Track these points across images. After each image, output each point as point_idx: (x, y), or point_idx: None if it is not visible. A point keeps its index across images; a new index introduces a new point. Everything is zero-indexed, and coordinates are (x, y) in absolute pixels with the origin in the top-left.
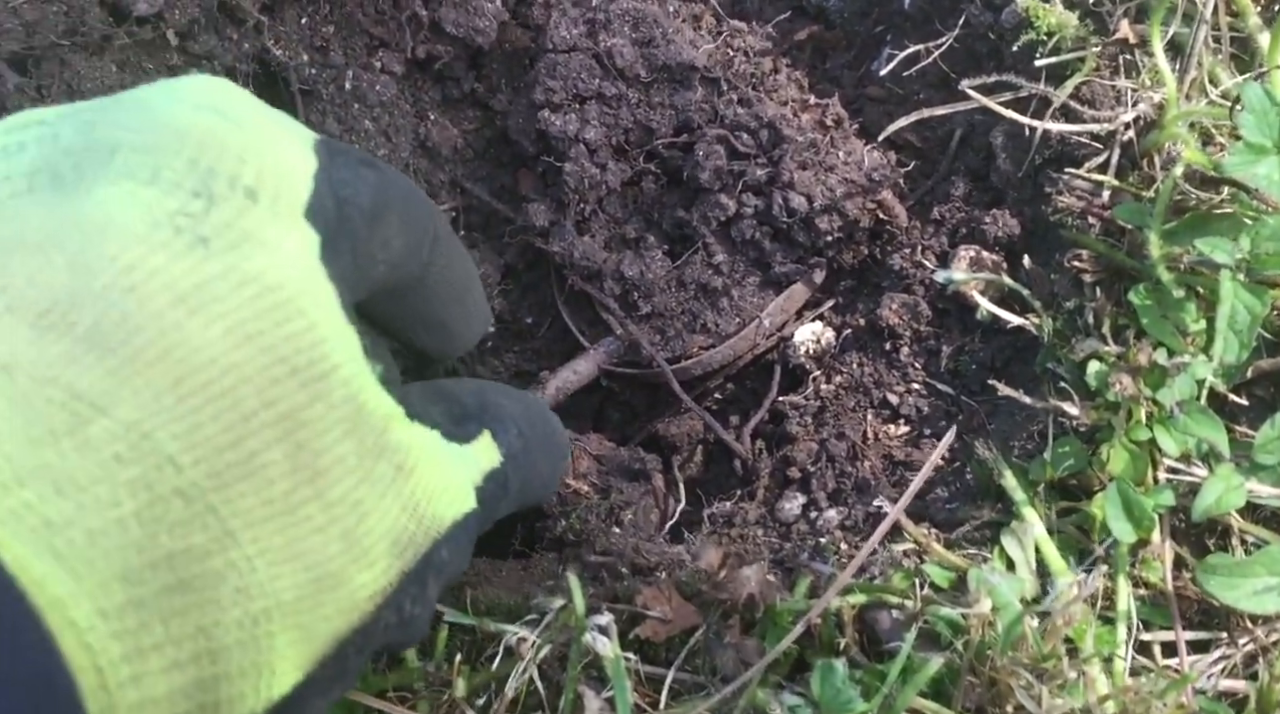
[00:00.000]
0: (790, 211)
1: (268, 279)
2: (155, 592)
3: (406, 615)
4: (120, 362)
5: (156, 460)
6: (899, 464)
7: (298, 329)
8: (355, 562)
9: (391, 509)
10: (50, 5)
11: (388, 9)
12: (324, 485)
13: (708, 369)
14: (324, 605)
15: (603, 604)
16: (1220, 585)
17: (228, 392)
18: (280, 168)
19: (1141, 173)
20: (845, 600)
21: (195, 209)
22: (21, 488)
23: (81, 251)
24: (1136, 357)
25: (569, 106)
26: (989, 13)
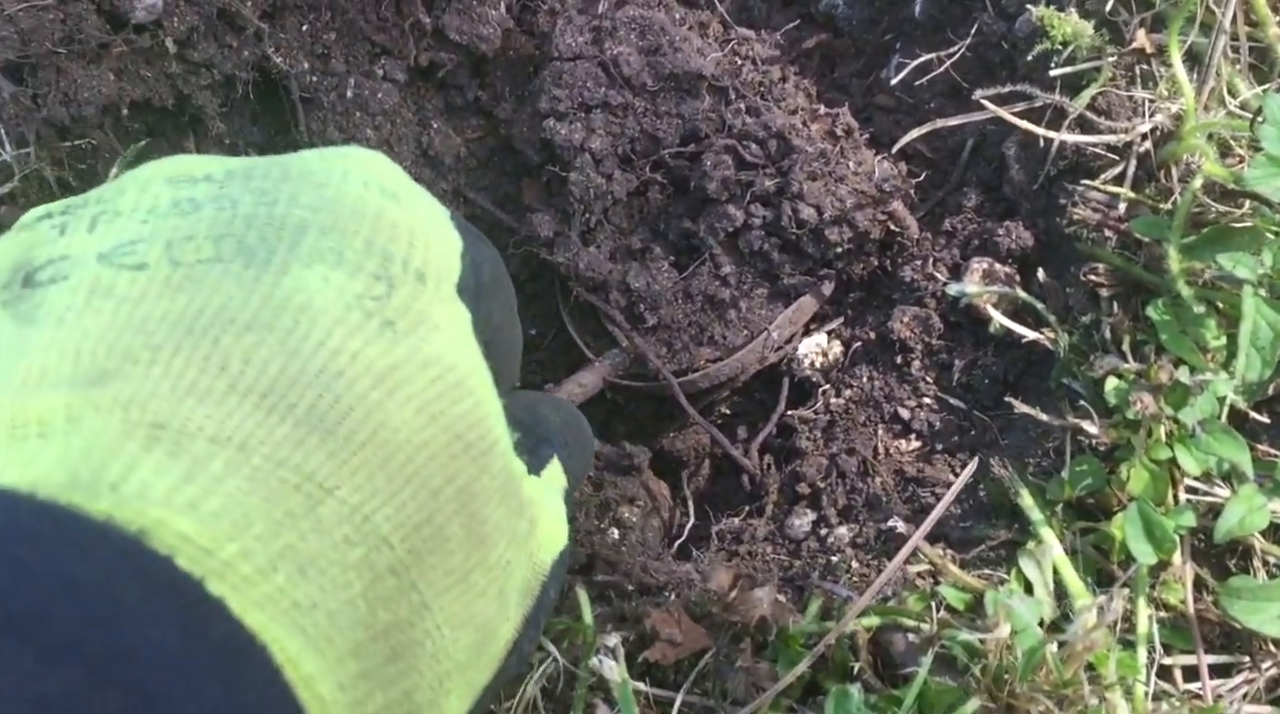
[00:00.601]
0: (800, 223)
1: (445, 361)
2: (377, 664)
3: (524, 654)
4: (339, 444)
5: (375, 541)
6: (910, 480)
7: (469, 407)
8: (501, 617)
9: (522, 564)
10: (47, 13)
11: (390, 16)
12: (486, 551)
13: (715, 382)
14: (480, 659)
15: (609, 625)
16: (1244, 609)
17: (420, 470)
18: (439, 249)
19: (1159, 185)
20: (859, 623)
21: (379, 292)
22: (275, 573)
23: (291, 334)
24: (1157, 374)
25: (575, 115)
26: (1002, 21)
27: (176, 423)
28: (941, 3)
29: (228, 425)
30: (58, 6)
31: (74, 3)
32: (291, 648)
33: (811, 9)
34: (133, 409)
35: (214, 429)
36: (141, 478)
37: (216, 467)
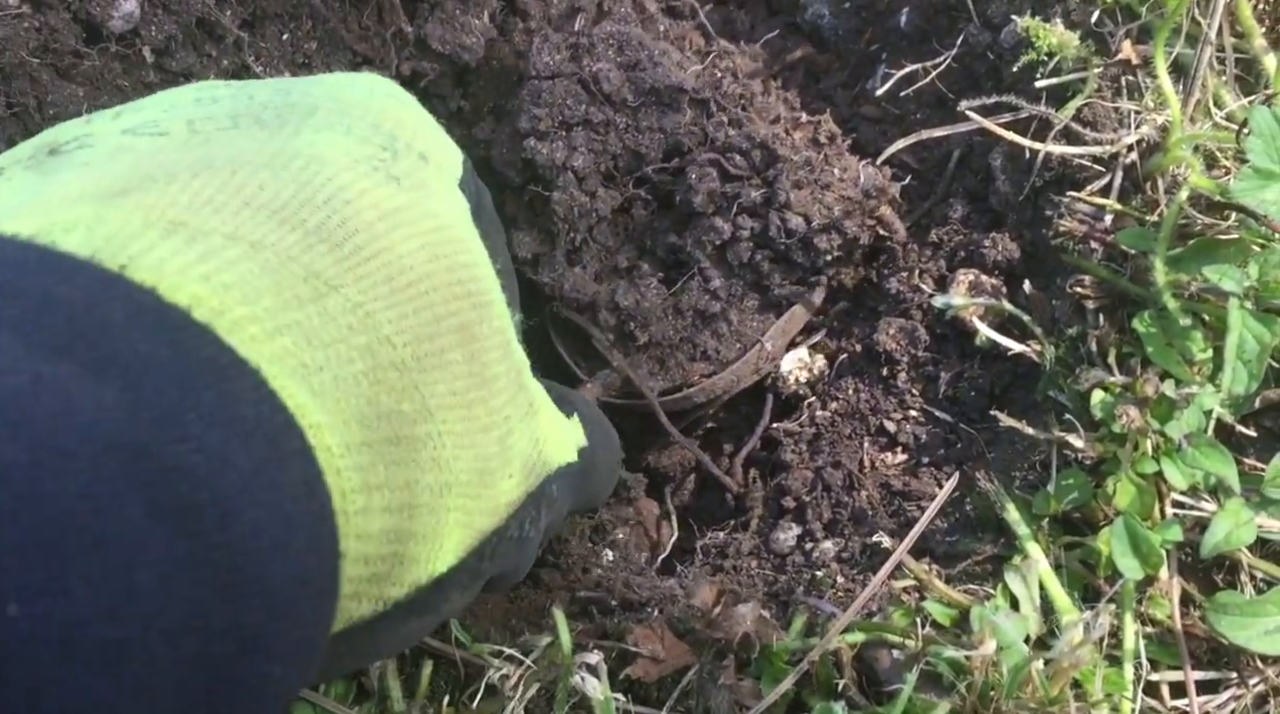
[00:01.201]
0: (789, 232)
1: (444, 218)
2: (380, 439)
3: (524, 533)
4: (345, 253)
5: (378, 336)
6: (896, 494)
7: (467, 261)
8: (503, 468)
9: (524, 435)
10: (22, 21)
11: (372, 25)
12: (489, 393)
13: (711, 396)
14: (481, 499)
15: (592, 641)
16: (1231, 625)
17: (423, 294)
18: (440, 146)
19: (1145, 196)
20: (843, 639)
21: (384, 157)
22: (281, 336)
23: (303, 170)
24: (1143, 387)
25: (555, 134)
26: (988, 32)
27: (195, 222)
28: (927, 13)
29: (242, 229)
30: (33, 15)
31: (50, 11)
32: (299, 397)
33: (796, 19)
34: (153, 210)
35: (229, 230)
36: (159, 255)
37: (230, 253)
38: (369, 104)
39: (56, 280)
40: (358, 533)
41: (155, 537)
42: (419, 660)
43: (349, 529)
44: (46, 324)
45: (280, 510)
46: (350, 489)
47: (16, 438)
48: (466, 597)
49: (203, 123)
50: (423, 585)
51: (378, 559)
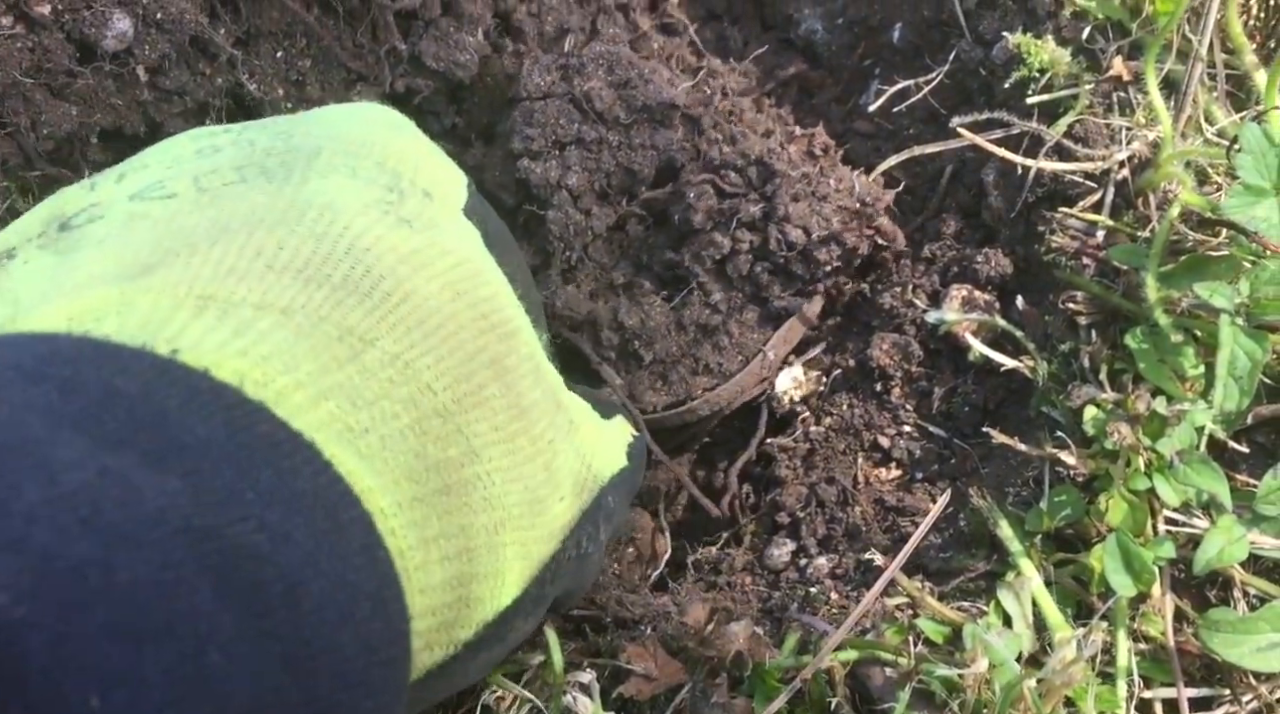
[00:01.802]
0: (789, 245)
1: (461, 253)
2: (431, 492)
3: (583, 551)
4: (375, 303)
5: (419, 384)
6: (890, 509)
7: (489, 293)
8: (553, 493)
9: (569, 453)
10: (15, 42)
11: (366, 42)
12: (528, 422)
13: (715, 408)
14: (535, 528)
15: (585, 660)
16: (1223, 643)
17: (453, 334)
18: (442, 176)
19: (1137, 212)
20: (836, 657)
21: (391, 199)
22: (326, 401)
23: (318, 222)
24: (1134, 404)
25: (549, 153)
26: (980, 48)
27: (222, 295)
28: (919, 29)
29: (269, 295)
30: (27, 35)
31: (43, 31)
32: (349, 464)
33: (790, 34)
34: (180, 287)
35: (257, 299)
36: (193, 336)
37: (263, 325)
38: (371, 140)
39: (113, 371)
40: (420, 587)
41: (224, 616)
42: None
43: (411, 586)
44: (108, 417)
45: (344, 581)
46: (407, 547)
47: (88, 532)
48: (531, 622)
49: (208, 178)
50: (490, 622)
51: (443, 608)
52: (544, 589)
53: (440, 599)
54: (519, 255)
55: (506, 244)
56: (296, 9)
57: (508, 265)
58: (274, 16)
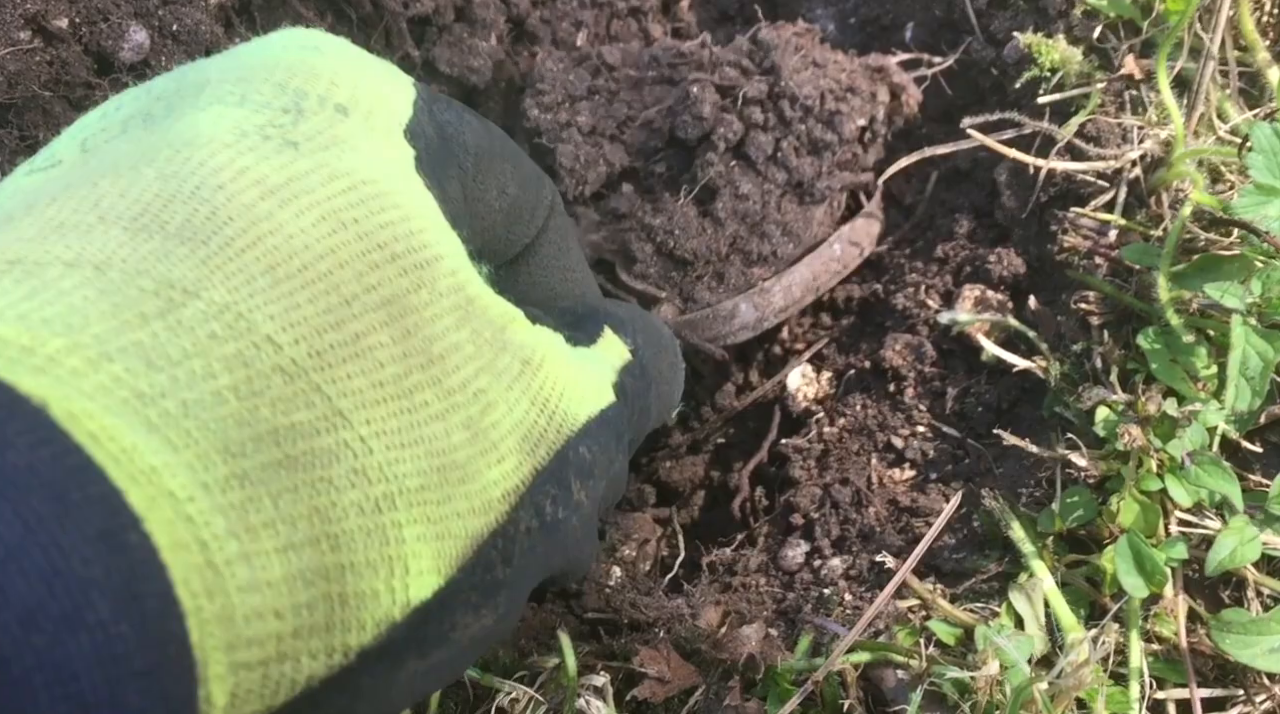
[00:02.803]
0: (805, 109)
1: (360, 174)
2: (261, 466)
3: (549, 519)
4: (212, 251)
5: (254, 338)
6: (904, 510)
7: (393, 218)
8: (484, 455)
9: (519, 403)
10: (33, 56)
11: (380, 48)
12: (440, 372)
13: (790, 299)
14: (454, 500)
15: (599, 663)
16: (1235, 643)
17: (325, 275)
18: (374, 91)
19: (1149, 211)
20: (848, 659)
21: (284, 121)
22: (110, 363)
23: (169, 161)
24: (1145, 406)
25: (560, 106)
26: (991, 47)
27: (35, 255)
28: (931, 28)
29: (89, 250)
30: (45, 48)
31: (61, 44)
32: (126, 439)
33: None
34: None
35: (72, 256)
36: None
37: (66, 284)
38: (276, 62)
39: None
40: (243, 585)
41: None
42: None
43: (229, 581)
44: None
45: (64, 576)
46: (211, 536)
47: None
48: (491, 616)
49: (97, 137)
50: (401, 622)
51: (298, 609)
52: (492, 573)
53: (288, 598)
54: (539, 179)
55: (474, 163)
56: (311, 17)
57: (466, 185)
58: (288, 25)
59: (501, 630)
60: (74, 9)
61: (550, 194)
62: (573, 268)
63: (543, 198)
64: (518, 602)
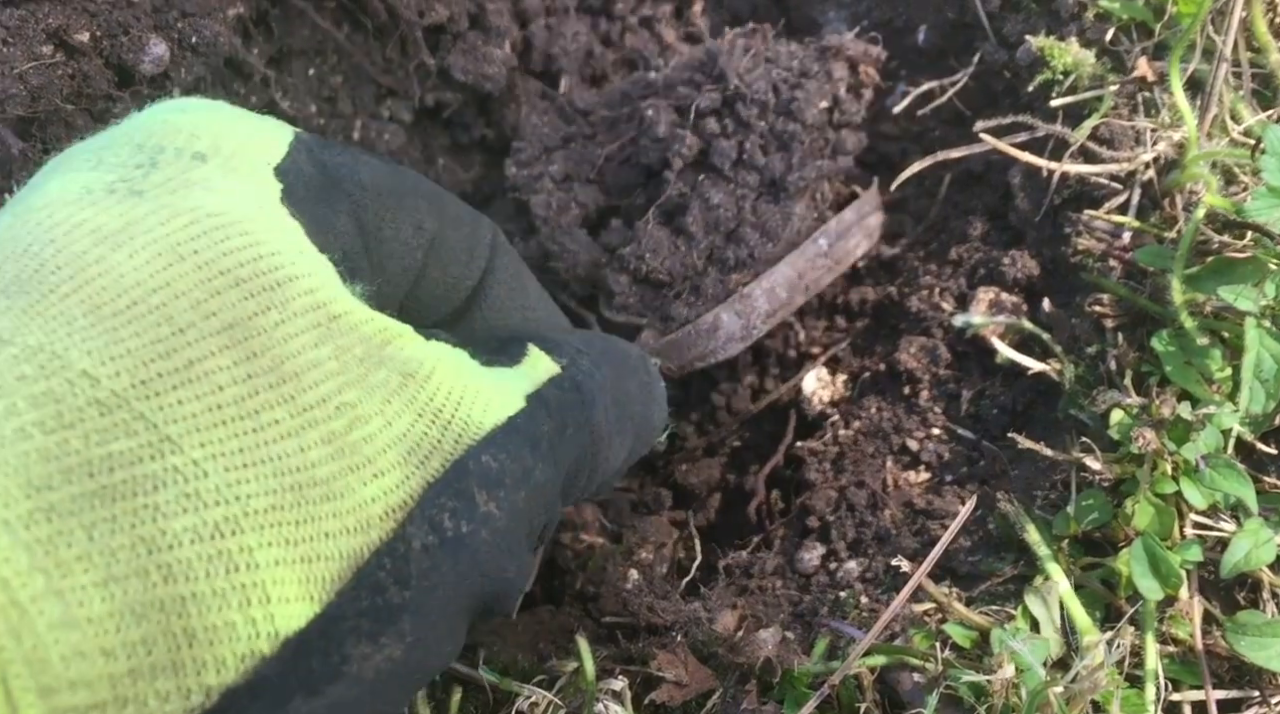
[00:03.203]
0: (760, 104)
1: (206, 209)
2: (72, 498)
3: (451, 534)
4: (33, 300)
5: (67, 376)
6: (920, 513)
7: (239, 245)
8: (355, 471)
9: (402, 416)
10: (55, 69)
11: (395, 58)
12: (293, 390)
13: (776, 302)
14: (319, 519)
15: (617, 667)
16: (1251, 645)
17: (157, 308)
18: (239, 137)
19: (1163, 213)
20: (865, 663)
21: (134, 175)
22: None
23: (9, 228)
24: (1159, 409)
25: (536, 161)
26: (1004, 50)
27: None
28: (944, 31)
29: None
30: (66, 63)
31: (83, 58)
32: None
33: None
34: None
35: None
36: None
37: None
38: (138, 126)
39: None
40: (53, 622)
41: None
42: (449, 687)
43: (37, 619)
44: None
45: None
46: (16, 572)
47: None
48: (400, 644)
49: None
50: (268, 656)
51: (131, 646)
52: (383, 596)
53: (115, 636)
54: (471, 218)
55: (395, 198)
56: (327, 27)
57: (398, 220)
58: (305, 35)
59: (422, 663)
60: (95, 23)
61: (490, 233)
62: (531, 307)
63: (480, 237)
64: (436, 629)
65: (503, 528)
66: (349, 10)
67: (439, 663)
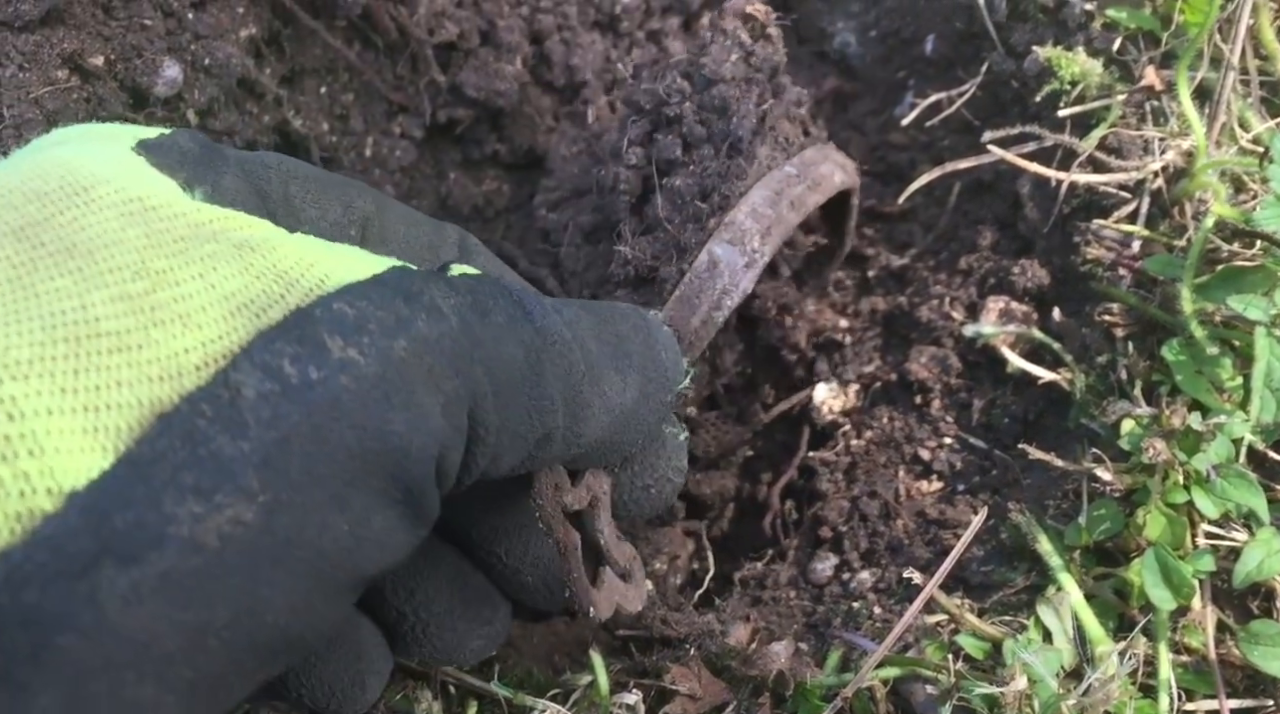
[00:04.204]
0: (680, 93)
1: (47, 158)
2: None
3: (297, 379)
4: None
5: None
6: (932, 522)
7: (49, 170)
8: (161, 325)
9: (232, 279)
10: (71, 94)
11: (406, 74)
12: (83, 263)
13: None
14: (110, 370)
15: (630, 680)
16: (1264, 655)
17: None
18: (109, 128)
19: (1172, 222)
20: (878, 675)
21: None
22: None
23: None
24: (1170, 419)
25: (566, 205)
26: (1011, 60)
27: None
28: (951, 40)
29: None
30: (81, 86)
31: (97, 82)
32: None
33: (824, 48)
34: None
35: None
36: None
37: None
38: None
39: None
40: None
41: None
42: (464, 701)
43: None
44: None
45: None
46: None
47: None
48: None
49: None
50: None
51: None
52: (209, 447)
53: None
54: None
55: (315, 183)
56: (338, 46)
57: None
58: (317, 54)
59: (301, 535)
60: (109, 46)
61: (458, 234)
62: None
63: (445, 236)
64: (307, 492)
65: (373, 375)
66: (360, 29)
67: (340, 544)
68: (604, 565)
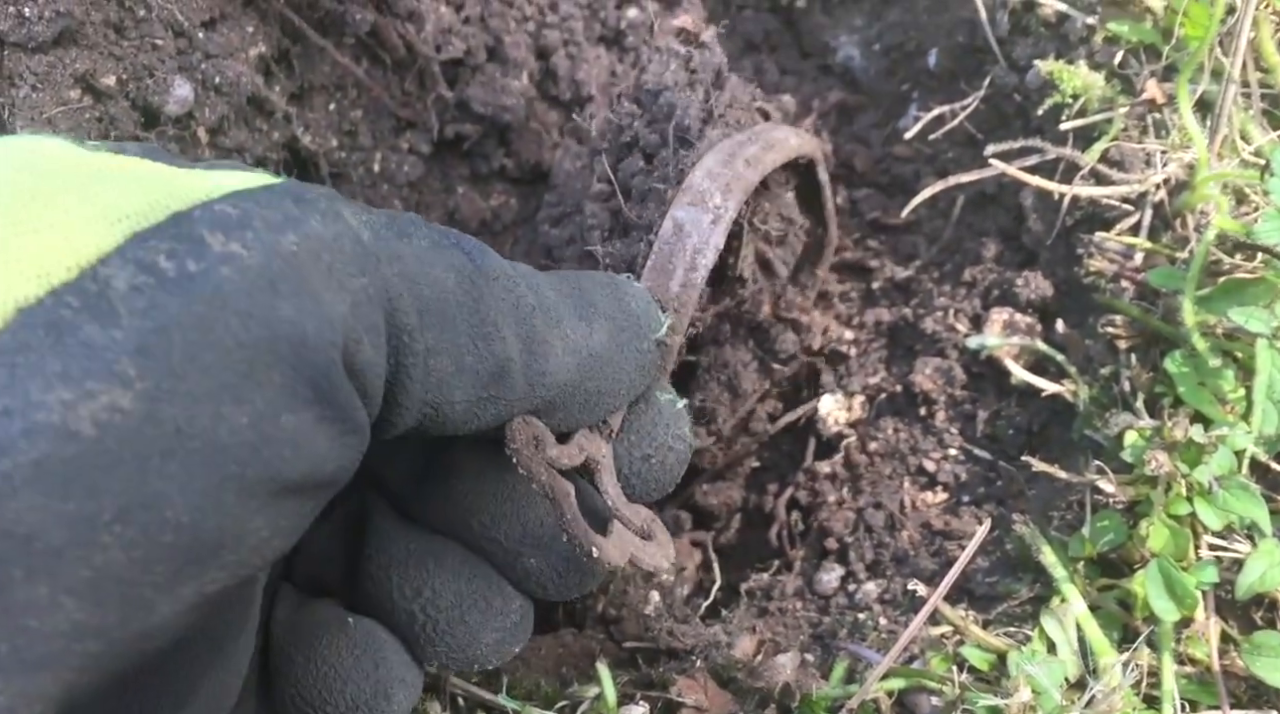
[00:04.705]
0: (630, 114)
1: None
2: None
3: (175, 272)
4: None
5: None
6: (937, 533)
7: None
8: (30, 233)
9: (106, 192)
10: (84, 113)
11: (414, 90)
12: None
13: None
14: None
15: (637, 692)
16: (1267, 666)
17: None
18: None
19: (1174, 234)
20: (882, 686)
21: None
22: None
23: None
24: (1172, 431)
25: (569, 221)
26: (1014, 74)
27: None
28: (954, 54)
29: None
30: (93, 106)
31: (109, 101)
32: None
33: (828, 61)
34: None
35: None
36: None
37: None
38: None
39: None
40: None
41: None
42: (473, 712)
43: None
44: None
45: None
46: None
47: None
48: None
49: None
50: None
51: None
52: (76, 337)
53: None
54: None
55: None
56: (347, 63)
57: None
58: (325, 71)
59: (191, 425)
60: (121, 66)
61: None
62: None
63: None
64: (193, 382)
65: (257, 265)
66: (368, 46)
67: (241, 437)
68: (612, 521)
